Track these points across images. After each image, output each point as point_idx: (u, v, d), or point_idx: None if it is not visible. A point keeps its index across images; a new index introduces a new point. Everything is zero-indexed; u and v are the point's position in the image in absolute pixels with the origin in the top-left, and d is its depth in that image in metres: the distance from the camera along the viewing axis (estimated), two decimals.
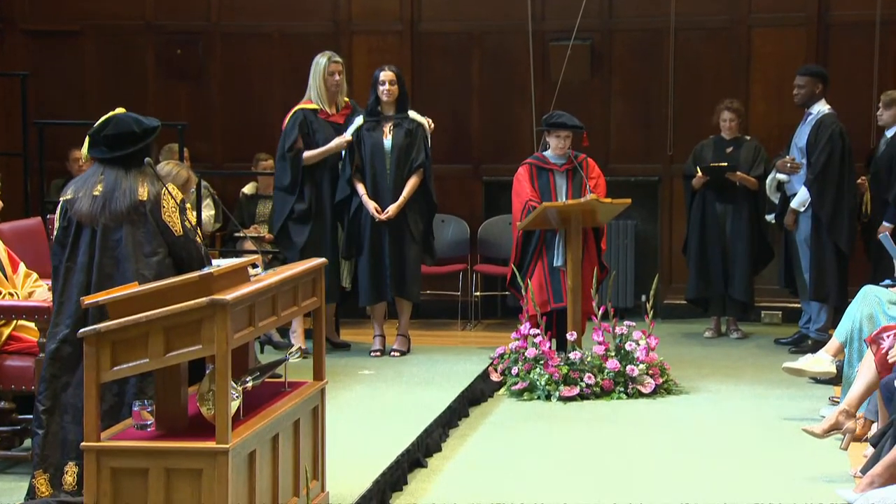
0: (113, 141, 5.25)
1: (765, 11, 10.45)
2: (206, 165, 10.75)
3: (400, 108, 8.79)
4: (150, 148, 5.35)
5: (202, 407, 4.51)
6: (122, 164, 5.24)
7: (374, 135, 8.73)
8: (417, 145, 8.75)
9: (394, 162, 8.71)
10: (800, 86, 9.17)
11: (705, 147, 9.66)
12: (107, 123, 5.30)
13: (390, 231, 8.69)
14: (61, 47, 11.04)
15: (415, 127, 8.78)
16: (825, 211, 8.95)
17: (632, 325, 8.08)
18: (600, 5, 10.54)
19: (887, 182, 8.91)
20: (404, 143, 8.72)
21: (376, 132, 8.74)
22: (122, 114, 5.36)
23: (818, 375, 7.46)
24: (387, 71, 8.74)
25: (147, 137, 5.28)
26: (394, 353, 8.80)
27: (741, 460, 6.48)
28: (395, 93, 8.72)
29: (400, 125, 8.75)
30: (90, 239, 5.23)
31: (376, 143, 8.71)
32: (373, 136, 8.73)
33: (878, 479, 5.50)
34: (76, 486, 5.16)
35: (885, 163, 8.95)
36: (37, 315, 5.93)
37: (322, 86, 8.75)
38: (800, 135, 9.20)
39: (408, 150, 8.73)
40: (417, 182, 8.73)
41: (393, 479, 5.93)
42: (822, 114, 9.08)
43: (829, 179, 8.96)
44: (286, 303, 5.06)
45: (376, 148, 8.71)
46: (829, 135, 8.97)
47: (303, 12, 10.86)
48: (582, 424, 7.25)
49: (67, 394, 5.23)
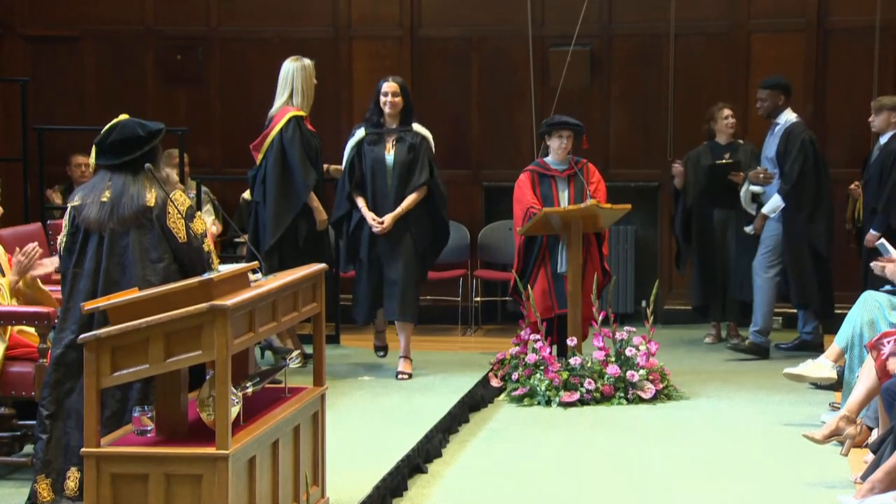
0: (119, 147, 5.27)
1: (764, 16, 10.46)
2: (206, 170, 10.77)
3: (403, 121, 8.32)
4: (156, 150, 5.36)
5: (202, 412, 4.50)
6: (130, 169, 5.26)
7: (376, 149, 8.28)
8: (421, 161, 8.27)
9: (396, 178, 8.24)
10: (762, 99, 9.21)
11: (702, 154, 9.65)
12: (112, 130, 5.33)
13: (389, 247, 8.25)
14: (61, 53, 11.05)
15: (419, 141, 8.30)
16: (803, 215, 8.96)
17: (632, 331, 8.08)
18: (600, 11, 10.54)
19: (877, 190, 8.93)
20: (407, 159, 8.25)
21: (378, 146, 8.29)
22: (125, 119, 5.38)
23: (819, 381, 7.45)
24: (391, 82, 8.29)
25: (152, 140, 5.30)
26: (401, 377, 8.29)
27: (741, 466, 6.48)
28: (400, 105, 8.28)
29: (403, 139, 8.28)
30: (97, 245, 5.25)
31: (378, 158, 8.27)
32: (374, 151, 8.27)
33: (878, 484, 5.50)
34: (78, 491, 5.16)
35: (876, 170, 8.97)
36: (37, 321, 5.94)
37: (311, 91, 8.34)
38: (769, 146, 9.25)
39: (411, 167, 8.26)
40: (418, 198, 8.26)
41: (393, 485, 5.93)
42: (789, 123, 9.12)
43: (806, 186, 8.99)
44: (286, 308, 5.06)
45: (377, 163, 8.27)
46: (799, 143, 9.00)
47: (302, 17, 10.87)
48: (582, 430, 7.24)
49: (71, 399, 5.24)
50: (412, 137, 8.29)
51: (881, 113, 8.98)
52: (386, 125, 8.32)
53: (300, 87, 8.28)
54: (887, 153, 8.90)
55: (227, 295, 4.54)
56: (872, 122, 9.08)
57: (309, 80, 8.32)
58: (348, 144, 8.35)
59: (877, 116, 9.02)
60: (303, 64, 8.31)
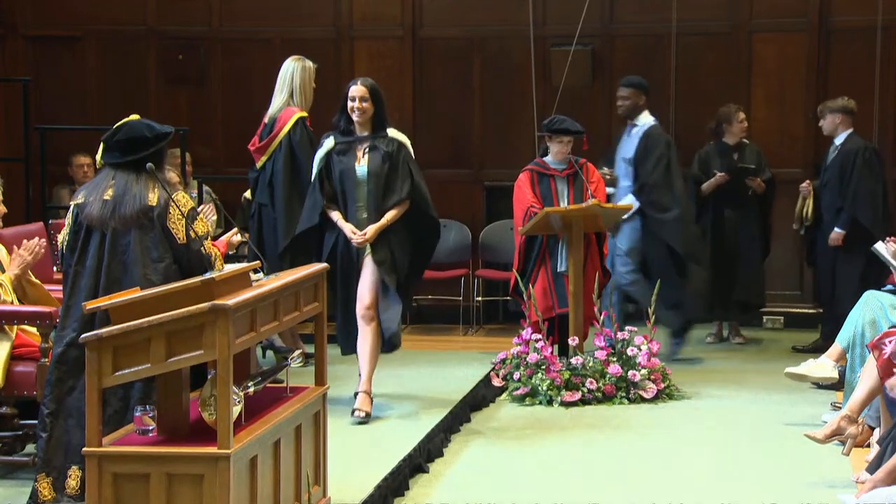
0: (125, 146, 5.29)
1: (766, 17, 10.46)
2: (208, 170, 10.77)
3: (376, 127, 7.32)
4: (161, 153, 5.37)
5: (204, 412, 4.50)
6: (133, 168, 5.27)
7: (345, 160, 7.29)
8: (401, 172, 7.27)
9: (371, 192, 7.24)
10: (623, 97, 9.11)
11: (710, 154, 9.64)
12: (120, 129, 5.35)
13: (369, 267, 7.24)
14: (63, 53, 11.06)
15: (395, 148, 7.29)
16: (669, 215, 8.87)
17: (633, 331, 8.08)
18: (601, 11, 10.55)
19: (838, 189, 9.02)
20: (383, 170, 7.24)
21: (347, 156, 7.29)
22: (135, 120, 5.41)
23: (820, 380, 7.45)
24: (359, 85, 7.30)
25: (158, 142, 5.31)
26: (357, 413, 7.12)
27: (743, 465, 6.48)
28: (370, 111, 7.28)
29: (376, 148, 7.27)
30: (99, 243, 5.25)
31: (347, 170, 7.27)
32: (343, 162, 7.28)
33: (880, 484, 5.49)
34: (79, 490, 5.16)
35: (835, 171, 9.08)
36: (39, 320, 5.94)
37: (310, 93, 8.17)
38: (626, 147, 9.10)
39: (389, 178, 7.24)
40: (400, 213, 7.26)
41: (395, 485, 5.93)
42: (647, 125, 9.04)
43: (670, 188, 8.91)
44: (288, 308, 5.06)
45: (346, 175, 7.28)
46: (659, 146, 8.94)
47: (304, 17, 10.88)
48: (583, 429, 7.24)
49: (72, 397, 5.25)
50: (387, 145, 7.30)
51: (827, 116, 9.16)
52: (356, 133, 7.35)
53: (299, 87, 8.10)
54: (845, 153, 9.06)
55: (228, 294, 4.54)
56: (821, 125, 9.24)
57: (308, 81, 8.15)
58: (317, 155, 7.44)
59: (823, 119, 9.21)
60: (304, 65, 8.16)
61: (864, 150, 9.06)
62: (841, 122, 9.10)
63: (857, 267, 8.92)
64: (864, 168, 9.00)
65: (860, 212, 8.97)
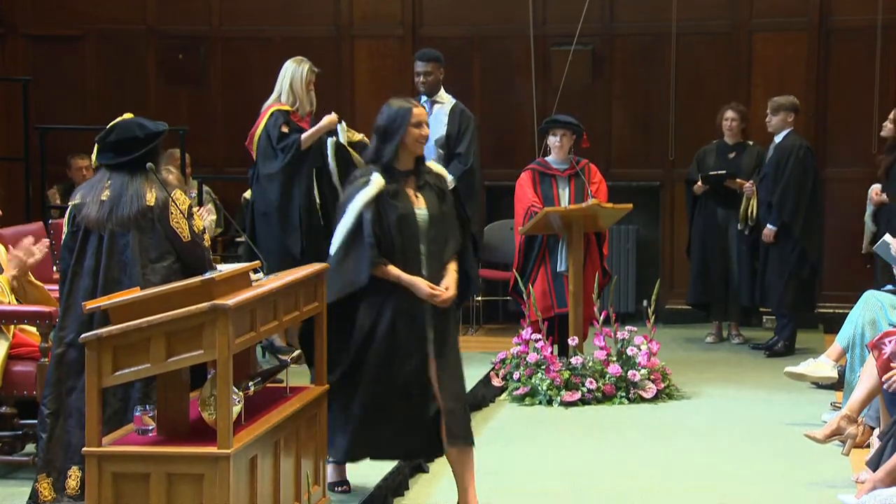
0: (117, 147, 5.28)
1: (766, 16, 10.46)
2: (208, 170, 10.77)
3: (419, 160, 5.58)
4: (155, 152, 5.36)
5: (204, 412, 4.50)
6: (128, 169, 5.26)
7: (400, 204, 5.41)
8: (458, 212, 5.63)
9: (429, 240, 5.49)
10: (427, 72, 8.73)
11: (707, 153, 9.66)
12: (112, 130, 5.34)
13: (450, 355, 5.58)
14: (63, 52, 11.06)
15: (440, 181, 5.63)
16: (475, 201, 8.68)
17: (633, 330, 8.08)
18: (601, 10, 10.55)
19: (771, 187, 9.10)
20: (440, 212, 5.54)
21: (400, 199, 5.43)
22: (127, 120, 5.39)
23: (820, 380, 7.46)
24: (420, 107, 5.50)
25: (150, 142, 5.30)
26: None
27: (742, 465, 6.48)
28: None
29: (426, 185, 5.55)
30: (97, 244, 5.26)
31: (406, 216, 5.42)
32: (398, 206, 5.40)
33: (879, 484, 5.49)
34: (79, 490, 5.16)
35: (772, 168, 9.15)
36: (38, 320, 5.94)
37: (303, 93, 8.15)
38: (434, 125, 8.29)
39: (446, 222, 5.55)
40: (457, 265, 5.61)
41: (395, 484, 5.93)
42: (454, 103, 8.79)
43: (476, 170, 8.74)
44: (288, 307, 5.06)
45: (406, 222, 5.42)
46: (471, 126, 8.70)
47: (304, 17, 10.88)
48: (583, 429, 7.24)
49: (72, 398, 5.25)
50: (433, 178, 5.61)
51: (778, 113, 9.20)
52: (400, 167, 5.52)
53: (288, 87, 8.12)
54: (782, 150, 9.12)
55: (228, 294, 4.54)
56: (769, 122, 9.25)
57: (300, 82, 8.13)
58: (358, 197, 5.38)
59: (773, 116, 9.22)
60: (298, 66, 8.19)
61: (798, 148, 9.11)
62: (791, 121, 9.16)
63: (789, 264, 9.08)
64: (796, 166, 9.05)
65: (784, 209, 9.04)
